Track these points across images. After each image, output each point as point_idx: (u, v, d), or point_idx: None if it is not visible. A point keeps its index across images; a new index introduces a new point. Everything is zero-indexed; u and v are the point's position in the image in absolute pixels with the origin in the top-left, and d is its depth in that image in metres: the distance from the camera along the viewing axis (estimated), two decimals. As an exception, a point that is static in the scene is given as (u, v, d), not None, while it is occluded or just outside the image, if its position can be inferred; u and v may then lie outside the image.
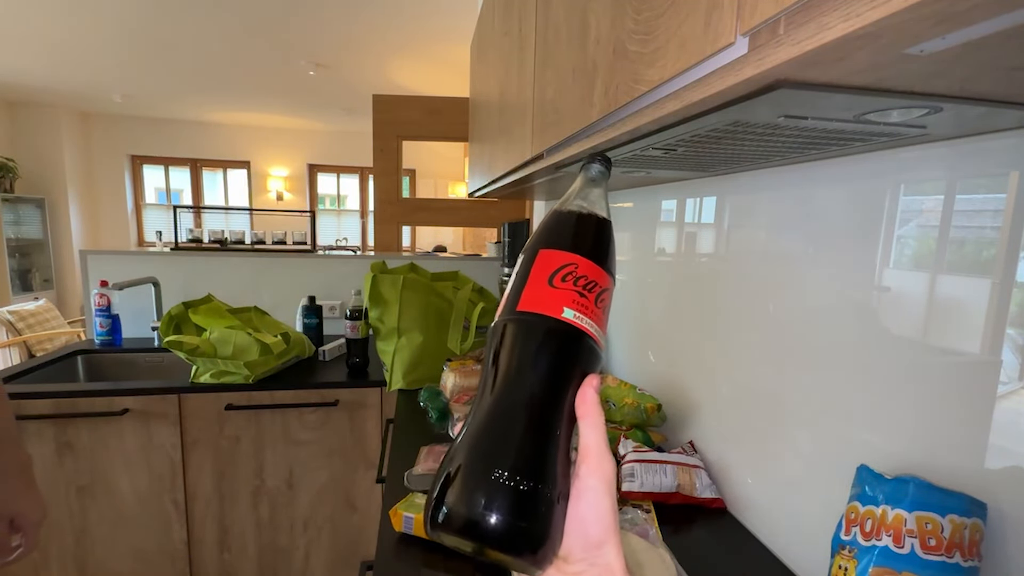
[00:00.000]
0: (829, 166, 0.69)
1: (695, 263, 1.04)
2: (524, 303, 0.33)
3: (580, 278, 0.33)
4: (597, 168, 0.40)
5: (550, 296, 0.32)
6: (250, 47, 3.93)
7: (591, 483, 0.29)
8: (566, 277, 0.33)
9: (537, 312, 0.32)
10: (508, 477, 0.27)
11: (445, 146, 6.53)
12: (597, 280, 0.33)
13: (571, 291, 0.32)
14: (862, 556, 0.51)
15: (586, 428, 0.30)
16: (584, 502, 0.29)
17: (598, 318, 0.33)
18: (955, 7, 0.22)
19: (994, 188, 0.50)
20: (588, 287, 0.33)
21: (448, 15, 3.21)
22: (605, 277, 0.34)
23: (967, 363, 0.53)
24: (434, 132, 2.83)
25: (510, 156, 1.10)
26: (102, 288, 1.94)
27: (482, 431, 0.30)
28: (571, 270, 0.33)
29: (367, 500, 1.66)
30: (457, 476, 0.28)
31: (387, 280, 1.51)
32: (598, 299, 0.33)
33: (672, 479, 0.88)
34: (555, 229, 0.36)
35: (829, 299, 0.69)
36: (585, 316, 0.32)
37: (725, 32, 0.33)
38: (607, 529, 0.29)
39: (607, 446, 0.30)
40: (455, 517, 0.27)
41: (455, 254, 3.51)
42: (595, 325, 0.32)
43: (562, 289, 0.32)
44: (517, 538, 0.27)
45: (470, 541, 0.27)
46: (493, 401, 0.30)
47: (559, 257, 0.33)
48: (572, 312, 0.32)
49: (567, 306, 0.32)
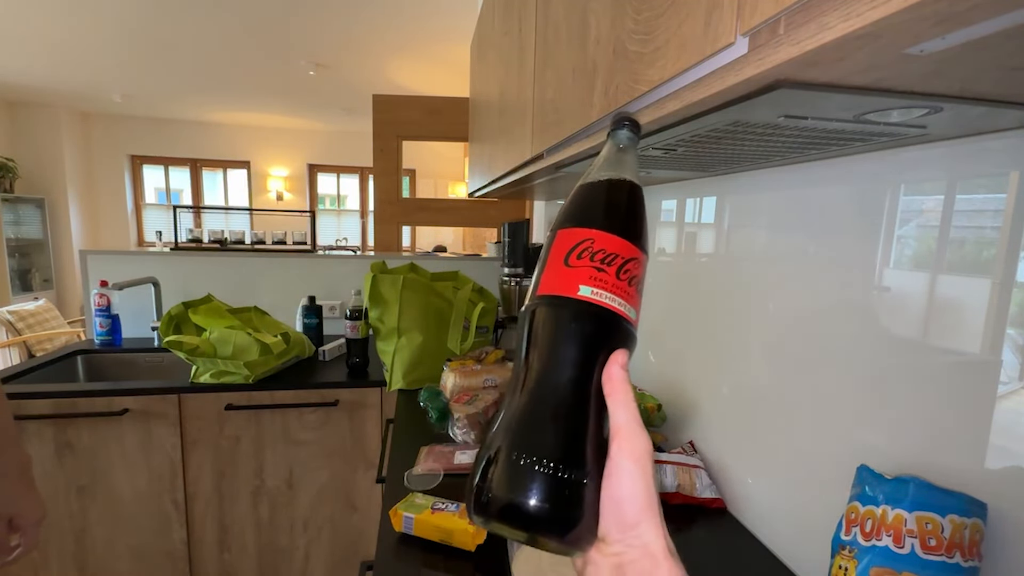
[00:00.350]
0: (829, 166, 0.69)
1: (695, 263, 1.04)
2: (543, 287, 0.33)
3: (597, 252, 0.32)
4: (625, 135, 0.37)
5: (566, 276, 0.32)
6: (250, 47, 3.93)
7: (622, 462, 0.29)
8: (581, 254, 0.32)
9: (553, 294, 0.32)
10: (536, 462, 0.28)
11: (445, 146, 6.53)
12: (618, 251, 0.32)
13: (587, 267, 0.31)
14: (862, 556, 0.51)
15: (614, 406, 0.30)
16: (616, 482, 0.28)
17: (622, 291, 0.31)
18: (955, 7, 0.22)
19: (994, 188, 0.50)
20: (607, 260, 0.31)
21: (448, 15, 3.21)
22: (627, 247, 0.32)
23: (967, 363, 0.53)
24: (434, 132, 2.83)
25: (510, 156, 1.10)
26: (102, 288, 1.94)
27: (511, 417, 0.30)
28: (587, 246, 0.32)
29: (367, 500, 1.66)
30: (491, 463, 0.29)
31: (387, 280, 1.51)
32: (620, 271, 0.31)
33: (672, 479, 0.88)
34: (572, 205, 0.34)
35: (829, 299, 0.69)
36: (604, 291, 0.31)
37: (725, 32, 0.33)
38: (642, 509, 0.28)
39: (638, 423, 0.29)
40: (490, 503, 0.28)
41: (455, 254, 3.51)
42: (618, 298, 0.31)
43: (577, 267, 0.32)
44: (550, 522, 0.27)
45: (508, 526, 0.28)
46: (521, 387, 0.31)
47: (575, 235, 0.33)
48: (589, 289, 0.31)
49: (583, 283, 0.31)
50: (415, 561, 0.75)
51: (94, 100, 5.65)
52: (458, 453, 1.05)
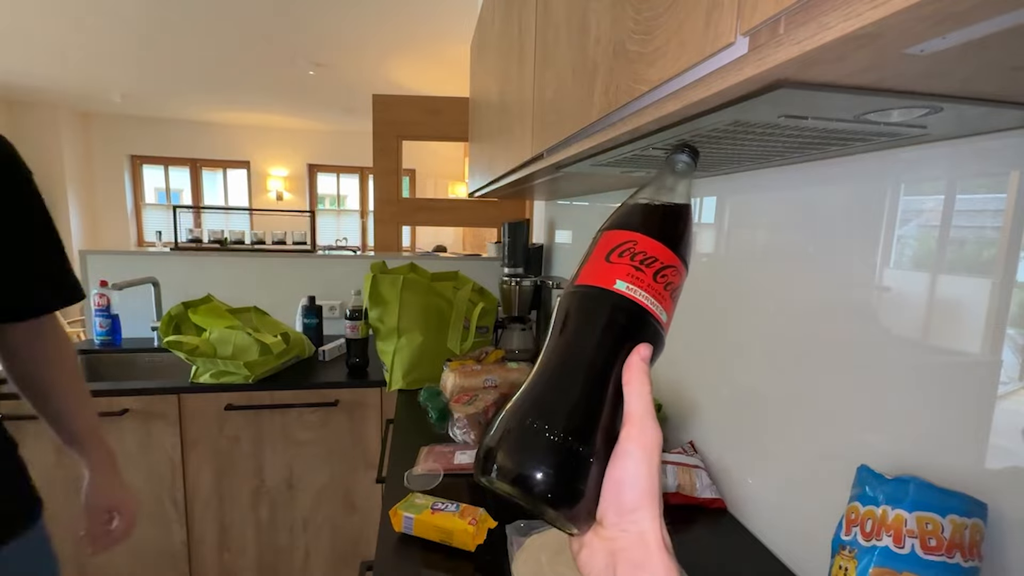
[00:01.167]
0: (829, 166, 0.69)
1: (695, 263, 1.03)
2: (582, 278, 0.34)
3: (638, 254, 0.33)
4: (684, 161, 0.38)
5: (605, 270, 0.33)
6: (250, 47, 3.93)
7: (629, 448, 0.29)
8: (623, 253, 0.33)
9: (591, 284, 0.33)
10: (548, 430, 0.29)
11: (445, 146, 6.53)
12: (657, 256, 0.33)
13: (627, 265, 0.33)
14: (862, 556, 0.51)
15: (629, 394, 0.30)
16: (619, 466, 0.29)
17: (657, 292, 0.33)
18: (955, 7, 0.22)
19: (994, 188, 0.50)
20: (646, 262, 0.33)
21: (448, 15, 3.21)
22: (667, 254, 0.33)
23: (967, 363, 0.53)
24: (434, 132, 2.83)
25: (510, 156, 1.10)
26: (102, 288, 1.93)
27: (531, 386, 0.31)
28: (629, 247, 0.33)
29: (367, 500, 1.66)
30: (505, 426, 0.30)
31: (387, 280, 1.51)
32: (658, 274, 0.33)
33: (672, 479, 0.88)
34: (620, 214, 0.36)
35: (829, 299, 0.69)
36: (640, 289, 0.32)
37: (725, 32, 0.33)
38: (642, 495, 0.28)
39: (650, 414, 0.30)
40: (497, 462, 0.29)
41: (455, 254, 3.51)
42: (651, 298, 0.32)
43: (618, 264, 0.33)
44: (551, 490, 0.28)
45: (511, 487, 0.29)
46: (544, 362, 0.32)
47: (619, 236, 0.34)
48: (625, 284, 0.32)
49: (620, 278, 0.32)
50: (415, 561, 0.75)
51: (94, 100, 5.65)
52: (458, 453, 1.05)
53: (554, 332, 0.33)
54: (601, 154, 0.69)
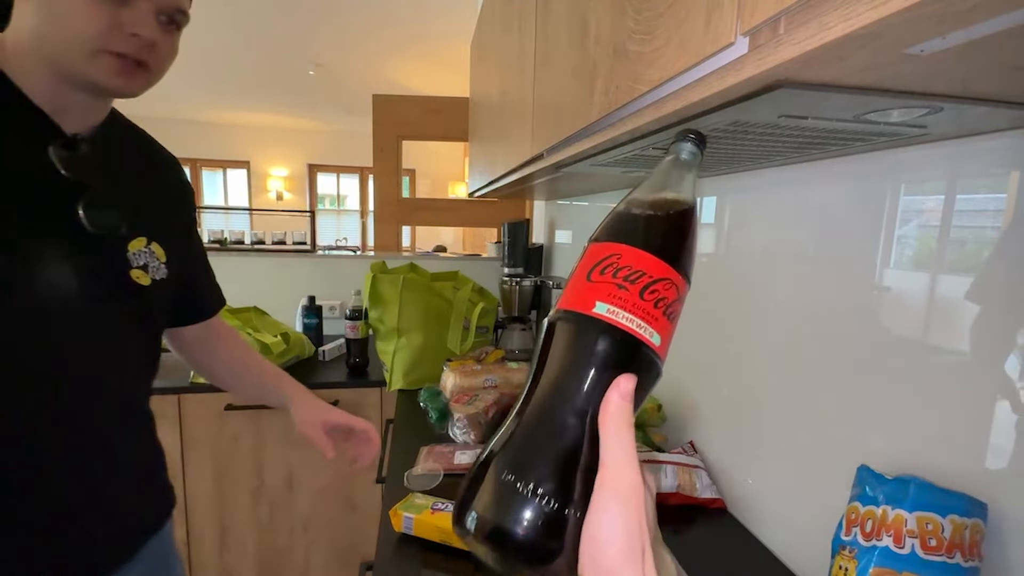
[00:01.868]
0: (829, 166, 0.69)
1: (695, 263, 1.03)
2: (562, 301, 0.30)
3: (622, 269, 0.29)
4: (688, 149, 0.33)
5: (584, 291, 0.29)
6: (250, 46, 3.93)
7: (604, 500, 0.26)
8: (605, 269, 0.29)
9: (569, 309, 0.29)
10: (522, 484, 0.26)
11: (445, 146, 6.53)
12: (645, 269, 0.29)
13: (608, 284, 0.29)
14: (862, 556, 0.51)
15: (605, 438, 0.27)
16: (594, 522, 0.26)
17: (645, 313, 0.28)
18: (955, 7, 0.22)
19: (994, 188, 0.50)
20: (631, 278, 0.29)
21: (448, 15, 3.21)
22: (658, 265, 0.29)
23: (967, 363, 0.53)
24: (434, 132, 2.83)
25: (510, 156, 1.10)
26: (102, 288, 1.93)
27: (508, 433, 0.29)
28: (612, 261, 0.29)
29: (367, 500, 1.66)
30: (481, 477, 0.28)
31: (387, 280, 1.51)
32: (646, 291, 0.29)
33: (672, 479, 0.88)
34: (608, 221, 0.32)
35: (829, 299, 0.69)
36: (623, 310, 0.28)
37: (725, 32, 0.33)
38: (619, 554, 0.25)
39: (628, 459, 0.26)
40: (469, 518, 0.27)
41: (455, 254, 3.51)
42: (639, 320, 0.28)
43: (599, 283, 0.29)
44: (525, 549, 0.26)
45: (483, 545, 0.27)
46: (524, 403, 0.29)
47: (603, 249, 0.30)
48: (606, 306, 0.28)
49: (600, 299, 0.28)
50: (415, 561, 0.75)
51: (94, 100, 5.65)
52: (458, 453, 1.05)
53: (533, 366, 0.30)
54: (601, 154, 0.69)
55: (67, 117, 0.60)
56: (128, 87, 0.59)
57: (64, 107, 0.59)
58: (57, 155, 0.58)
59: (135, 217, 0.67)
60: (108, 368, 0.66)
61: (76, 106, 0.60)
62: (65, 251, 0.60)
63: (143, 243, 0.68)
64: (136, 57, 0.57)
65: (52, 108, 0.58)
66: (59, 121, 0.59)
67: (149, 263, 0.69)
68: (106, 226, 0.61)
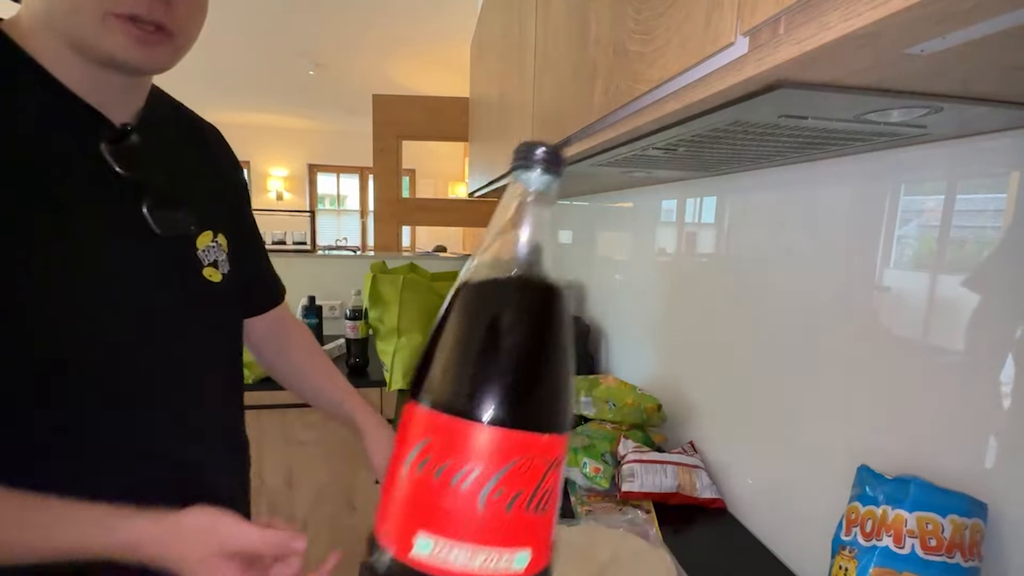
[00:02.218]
0: (829, 166, 0.69)
1: (695, 263, 1.03)
2: (377, 521, 0.22)
3: (444, 465, 0.19)
4: (538, 177, 0.23)
5: (399, 513, 0.20)
6: (250, 46, 3.93)
7: None
8: (423, 465, 0.20)
9: (383, 547, 0.21)
10: None
11: (445, 146, 6.53)
12: (485, 457, 0.19)
13: (427, 494, 0.19)
14: (862, 556, 0.51)
15: None
16: None
17: (494, 530, 0.19)
18: (955, 7, 0.22)
19: (994, 188, 0.50)
20: (464, 478, 0.19)
21: (448, 15, 3.21)
22: (508, 441, 0.19)
23: (967, 363, 0.53)
24: (434, 132, 2.83)
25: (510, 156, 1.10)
26: (102, 288, 1.93)
27: None
28: (429, 450, 0.20)
29: (367, 500, 1.66)
30: None
31: (387, 280, 1.51)
32: (489, 495, 0.19)
33: (672, 479, 0.88)
34: (419, 355, 0.23)
35: (829, 299, 0.69)
36: (453, 542, 0.19)
37: (725, 32, 0.33)
38: None
39: None
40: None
41: (455, 254, 3.51)
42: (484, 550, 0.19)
43: (414, 491, 0.20)
44: None
45: None
46: None
47: (418, 424, 0.21)
48: (428, 543, 0.19)
49: (422, 528, 0.19)
50: (415, 561, 0.75)
51: (94, 100, 5.65)
52: (458, 453, 1.04)
53: None
54: (601, 154, 0.69)
55: (110, 104, 0.53)
56: (151, 60, 0.50)
57: (102, 92, 0.52)
58: (112, 152, 0.51)
59: (200, 210, 0.60)
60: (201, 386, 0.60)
61: (114, 89, 0.52)
62: (139, 262, 0.54)
63: (210, 237, 0.62)
64: (151, 20, 0.48)
65: (94, 98, 0.51)
66: (104, 111, 0.52)
67: (218, 259, 0.63)
68: (176, 227, 0.56)
